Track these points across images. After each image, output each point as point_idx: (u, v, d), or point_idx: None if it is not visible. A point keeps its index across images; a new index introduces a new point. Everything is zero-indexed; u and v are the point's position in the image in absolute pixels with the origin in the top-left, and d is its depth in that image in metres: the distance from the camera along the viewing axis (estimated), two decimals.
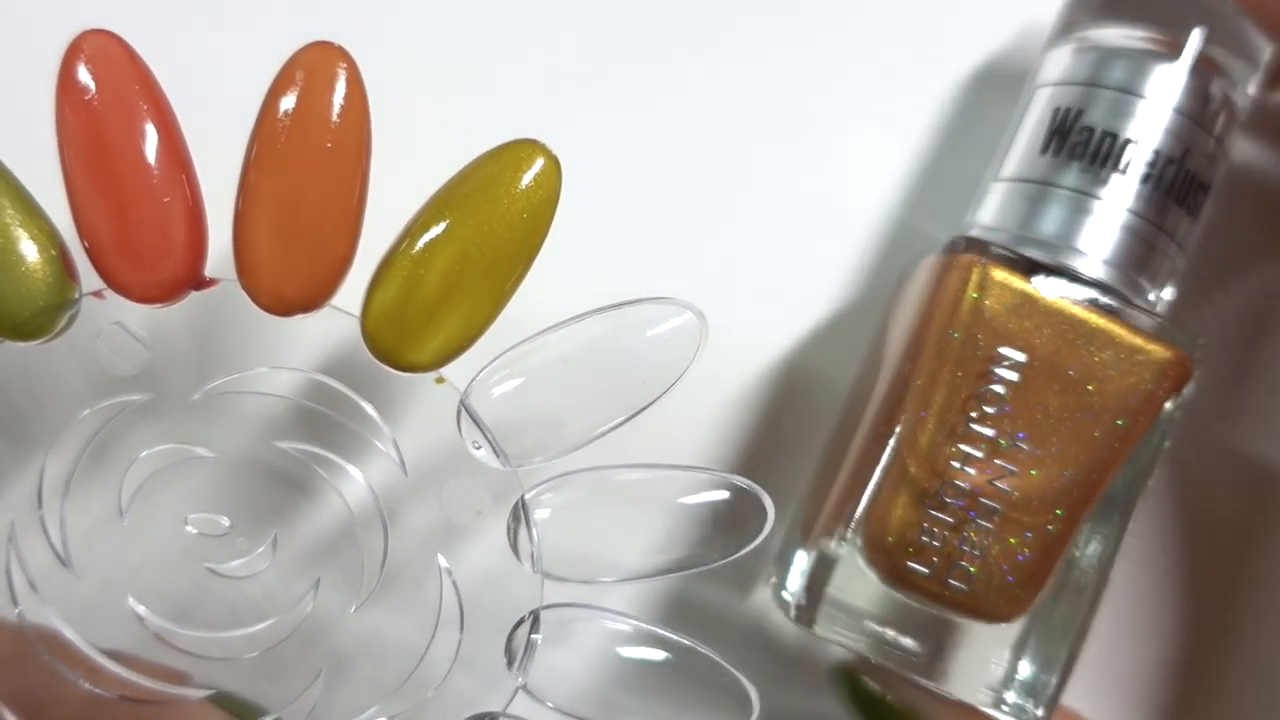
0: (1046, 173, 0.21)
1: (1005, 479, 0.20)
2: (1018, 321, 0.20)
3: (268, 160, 0.19)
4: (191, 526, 0.21)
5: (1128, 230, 0.21)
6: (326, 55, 0.19)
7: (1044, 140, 0.21)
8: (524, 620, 0.21)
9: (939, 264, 0.21)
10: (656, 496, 0.21)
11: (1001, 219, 0.22)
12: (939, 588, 0.20)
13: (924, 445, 0.20)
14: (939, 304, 0.20)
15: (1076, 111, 0.21)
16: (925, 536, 0.20)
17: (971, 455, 0.20)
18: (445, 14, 0.24)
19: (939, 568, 0.20)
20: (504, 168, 0.19)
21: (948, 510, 0.20)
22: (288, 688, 0.21)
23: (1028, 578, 0.20)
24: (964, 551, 0.20)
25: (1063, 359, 0.20)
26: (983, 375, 0.20)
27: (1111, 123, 0.21)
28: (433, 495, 0.21)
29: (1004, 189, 0.22)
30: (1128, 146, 0.21)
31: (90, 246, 0.19)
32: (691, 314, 0.20)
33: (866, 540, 0.20)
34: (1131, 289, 0.21)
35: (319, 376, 0.21)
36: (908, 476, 0.20)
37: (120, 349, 0.20)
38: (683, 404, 0.22)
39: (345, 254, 0.19)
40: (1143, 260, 0.21)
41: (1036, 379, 0.20)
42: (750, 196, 0.24)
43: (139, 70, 0.19)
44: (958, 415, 0.20)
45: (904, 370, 0.21)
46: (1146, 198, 0.21)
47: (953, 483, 0.20)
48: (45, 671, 0.20)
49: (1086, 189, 0.21)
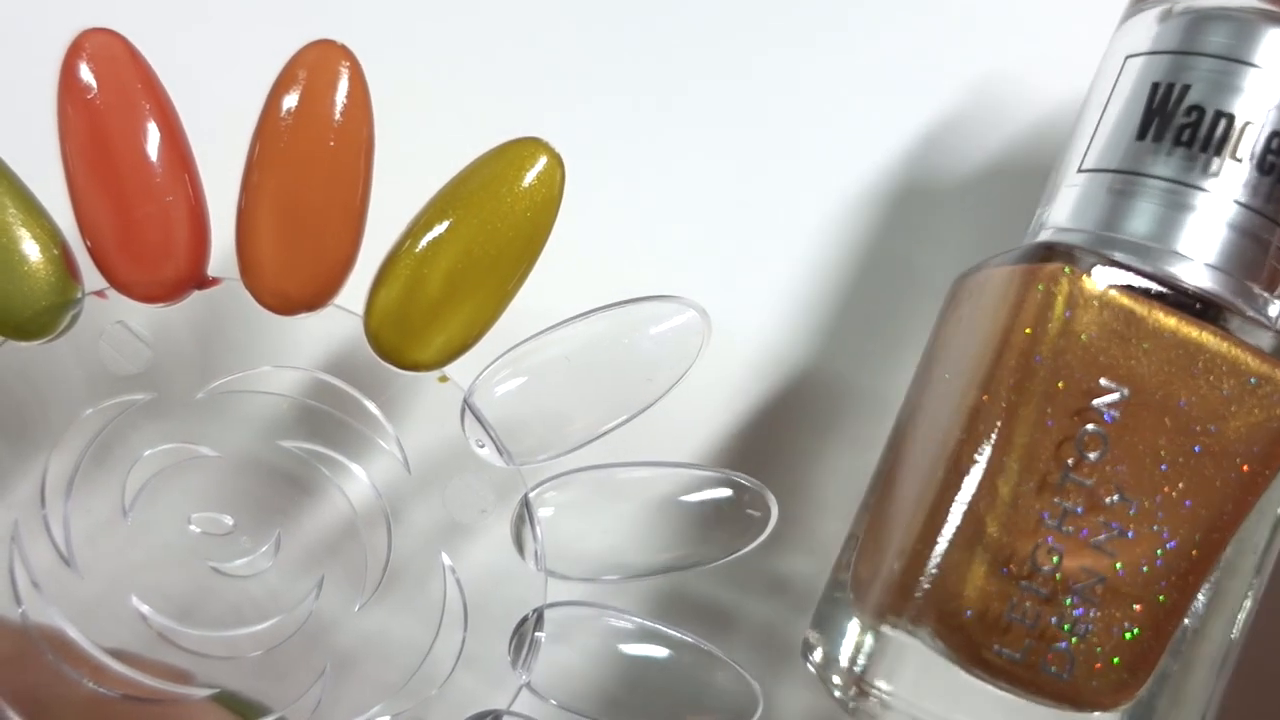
0: (1143, 162, 0.18)
1: (1109, 540, 0.17)
2: (1120, 345, 0.17)
3: (270, 159, 0.19)
4: (195, 525, 0.21)
5: (1241, 229, 0.17)
6: (329, 54, 0.18)
7: (1140, 123, 0.18)
8: (528, 618, 0.21)
9: (1015, 275, 0.17)
10: (660, 494, 0.21)
11: (1084, 218, 0.18)
12: (1031, 674, 0.17)
13: (1007, 500, 0.17)
14: (1019, 324, 0.17)
15: (1181, 88, 0.18)
16: (1013, 613, 0.17)
17: (1068, 511, 0.17)
18: (448, 12, 0.24)
19: (1031, 650, 0.17)
20: (507, 166, 0.19)
21: (1039, 580, 0.17)
22: (292, 686, 0.21)
23: (1137, 659, 0.17)
24: (1061, 630, 0.17)
25: (1175, 391, 0.17)
26: (1079, 413, 0.17)
27: (1224, 100, 0.17)
28: (436, 493, 0.21)
29: (1085, 181, 0.18)
30: (1247, 130, 0.17)
31: (93, 246, 0.19)
32: (695, 312, 0.20)
33: (937, 615, 0.17)
34: (1247, 300, 0.18)
35: (322, 375, 0.21)
36: (986, 538, 0.17)
37: (123, 348, 0.20)
38: (686, 402, 0.22)
39: (348, 253, 0.19)
40: (1257, 264, 0.18)
41: (1146, 415, 0.17)
42: (755, 194, 0.24)
43: (141, 69, 0.19)
44: (1049, 462, 0.17)
45: (976, 404, 0.17)
46: (1266, 189, 0.17)
47: (1046, 546, 0.17)
48: (49, 671, 0.20)
49: (1193, 180, 0.17)
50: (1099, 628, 0.17)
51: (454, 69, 0.24)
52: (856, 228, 0.24)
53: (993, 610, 0.17)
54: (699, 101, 0.24)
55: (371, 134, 0.19)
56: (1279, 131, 0.17)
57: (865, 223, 0.24)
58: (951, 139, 0.24)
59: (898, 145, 0.24)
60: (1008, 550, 0.17)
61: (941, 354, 0.20)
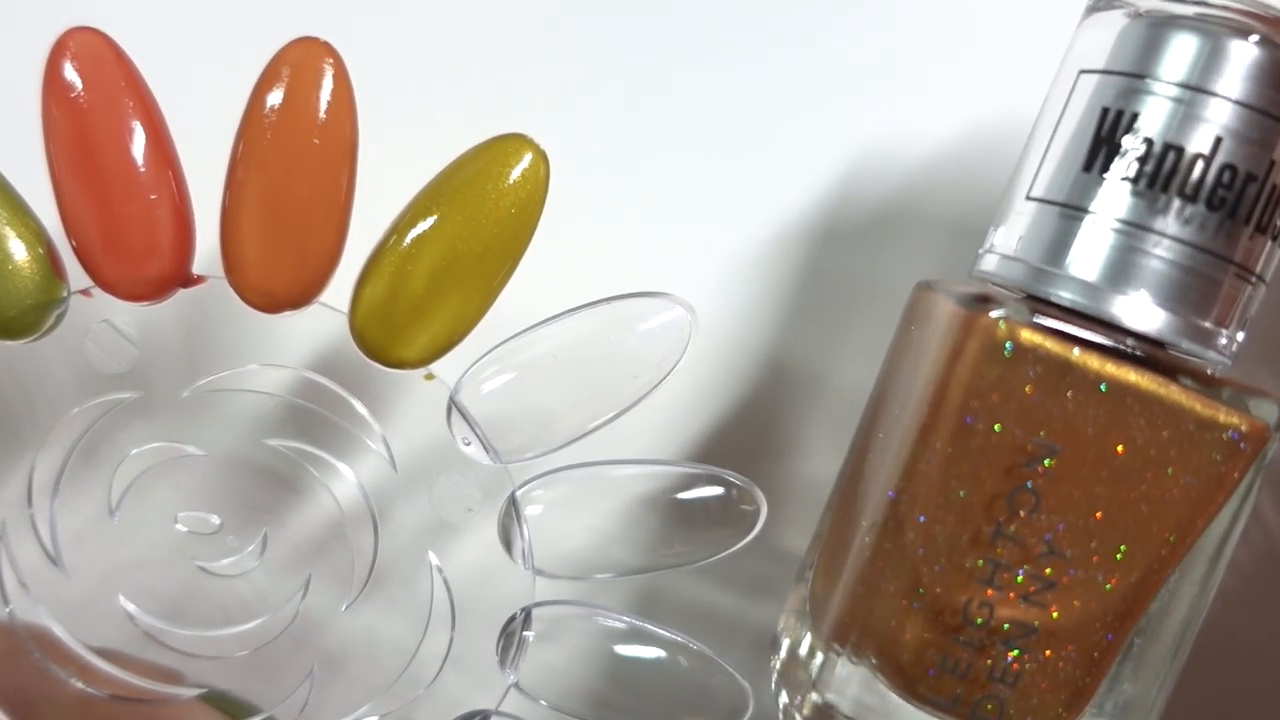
0: (1089, 196, 0.17)
1: (1040, 593, 0.17)
2: (1055, 398, 0.16)
3: (254, 156, 0.19)
4: (182, 525, 0.21)
5: (1190, 268, 0.17)
6: (312, 50, 0.18)
7: (1087, 154, 0.17)
8: (516, 617, 0.21)
9: (955, 319, 0.17)
10: (649, 492, 0.21)
11: (1030, 248, 0.17)
12: (966, 714, 0.17)
13: (942, 555, 0.17)
14: (955, 376, 0.17)
15: (1130, 116, 0.17)
16: (946, 664, 0.17)
17: (1000, 566, 0.17)
18: (431, 8, 0.24)
19: (961, 700, 0.17)
20: (492, 162, 0.19)
21: (970, 633, 0.17)
22: (279, 686, 0.21)
23: (1071, 698, 0.17)
24: (992, 680, 0.17)
25: (1111, 440, 0.16)
26: (1012, 470, 0.16)
27: (1174, 131, 0.16)
28: (423, 492, 0.21)
29: (1033, 210, 0.18)
30: (1196, 164, 0.16)
31: (77, 244, 0.19)
32: (682, 309, 0.20)
33: (879, 657, 0.17)
34: (1194, 337, 0.17)
35: (308, 374, 0.21)
36: (923, 590, 0.17)
37: (109, 347, 0.20)
38: (674, 399, 0.22)
39: (333, 250, 0.19)
40: (1207, 300, 0.17)
41: (1080, 468, 0.16)
42: (741, 192, 0.24)
43: (125, 67, 0.19)
44: (981, 518, 0.17)
45: (914, 454, 0.17)
46: (1218, 227, 0.17)
47: (978, 600, 0.17)
48: (37, 670, 0.20)
49: (1142, 220, 0.17)
50: (1031, 674, 0.17)
51: (438, 65, 0.24)
52: (844, 226, 0.24)
53: (926, 659, 0.17)
54: (685, 98, 0.24)
55: (355, 131, 0.19)
56: (1230, 165, 0.16)
57: (853, 221, 0.24)
58: (941, 136, 0.24)
59: (888, 142, 0.24)
60: (940, 603, 0.17)
61: (895, 372, 0.19)
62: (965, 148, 0.23)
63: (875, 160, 0.24)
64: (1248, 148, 0.16)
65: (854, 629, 0.18)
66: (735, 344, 0.24)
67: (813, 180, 0.24)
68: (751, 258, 0.24)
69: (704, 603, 0.24)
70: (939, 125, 0.24)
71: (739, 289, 0.24)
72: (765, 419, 0.24)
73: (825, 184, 0.24)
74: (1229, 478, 0.17)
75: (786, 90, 0.24)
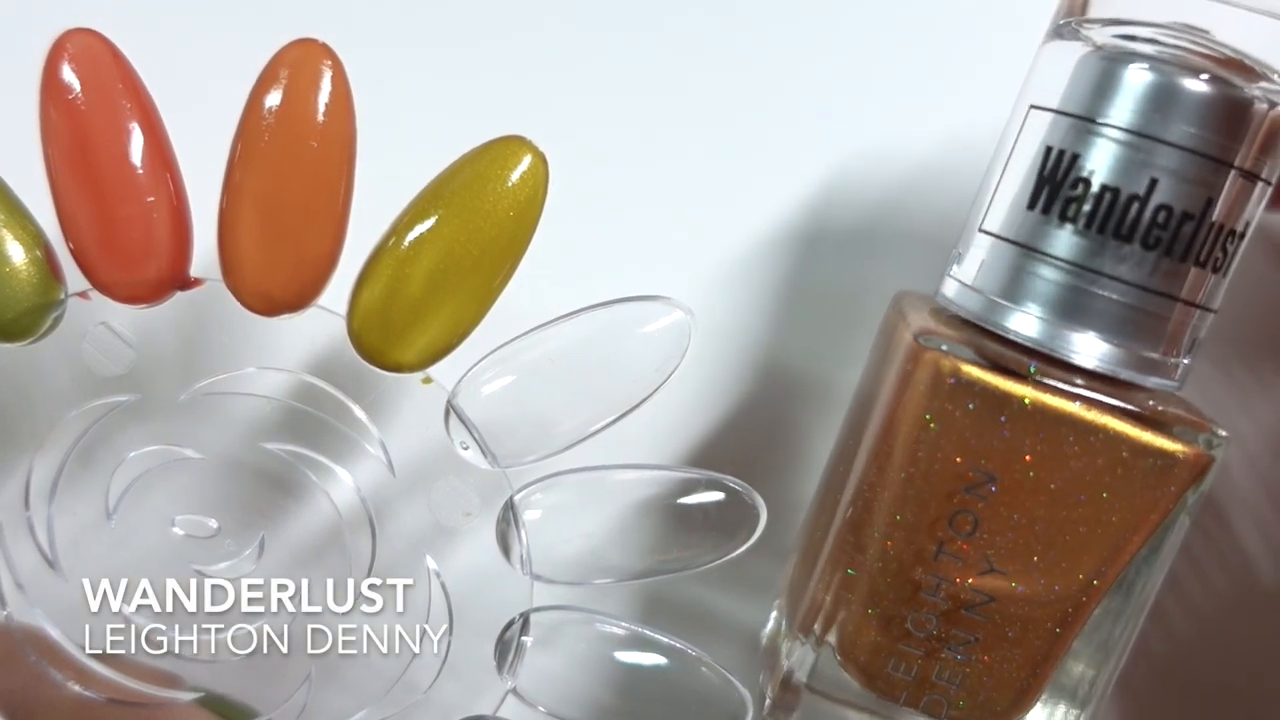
0: (1034, 235, 0.17)
1: (983, 605, 0.18)
2: (993, 429, 0.17)
3: (252, 158, 0.18)
4: (179, 528, 0.21)
5: (1134, 306, 0.17)
6: (311, 52, 0.18)
7: (1032, 191, 0.18)
8: (514, 622, 0.21)
9: (908, 349, 0.18)
10: (648, 497, 0.21)
11: (985, 280, 0.18)
12: (914, 708, 0.19)
13: (892, 569, 0.18)
14: (905, 407, 0.18)
15: (1071, 157, 0.17)
16: (894, 668, 0.18)
17: (943, 580, 0.18)
18: (430, 10, 0.24)
19: (911, 697, 0.19)
20: (491, 165, 0.19)
21: (916, 642, 0.18)
22: (276, 690, 0.21)
23: (1018, 695, 0.18)
24: (936, 683, 0.18)
25: (1049, 468, 0.17)
26: (952, 495, 0.17)
27: (1113, 174, 0.17)
28: (421, 496, 0.21)
29: (988, 244, 0.18)
30: (1132, 205, 0.17)
31: (75, 247, 0.19)
32: (682, 312, 0.20)
33: (840, 650, 0.19)
34: (1141, 368, 0.17)
35: (306, 377, 0.21)
36: (876, 598, 0.18)
37: (106, 350, 0.20)
38: (673, 403, 0.21)
39: (330, 253, 0.19)
40: (1154, 334, 0.17)
41: (1018, 493, 0.17)
42: (740, 195, 0.24)
43: (123, 69, 0.19)
44: (926, 537, 0.18)
45: (870, 476, 0.18)
46: (1154, 266, 0.17)
47: (924, 610, 0.18)
48: (34, 674, 0.20)
49: (1082, 260, 0.17)
50: (976, 675, 0.18)
51: (437, 67, 0.24)
52: (844, 229, 0.24)
53: (878, 661, 0.18)
54: (685, 101, 0.24)
55: (354, 133, 0.19)
56: (1166, 205, 0.17)
57: (853, 225, 0.24)
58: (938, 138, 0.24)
59: (886, 147, 0.24)
60: (891, 611, 0.18)
61: (867, 384, 0.20)
62: (961, 151, 0.23)
63: (873, 164, 0.24)
64: (1186, 187, 0.17)
65: (818, 624, 0.19)
66: (734, 348, 0.24)
67: (812, 184, 0.24)
68: (751, 261, 0.24)
69: (703, 608, 0.24)
70: (936, 127, 0.24)
71: (738, 293, 0.24)
72: (764, 423, 0.24)
73: (825, 187, 0.24)
74: (1164, 500, 0.17)
75: (784, 94, 0.24)
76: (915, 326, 0.18)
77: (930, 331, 0.18)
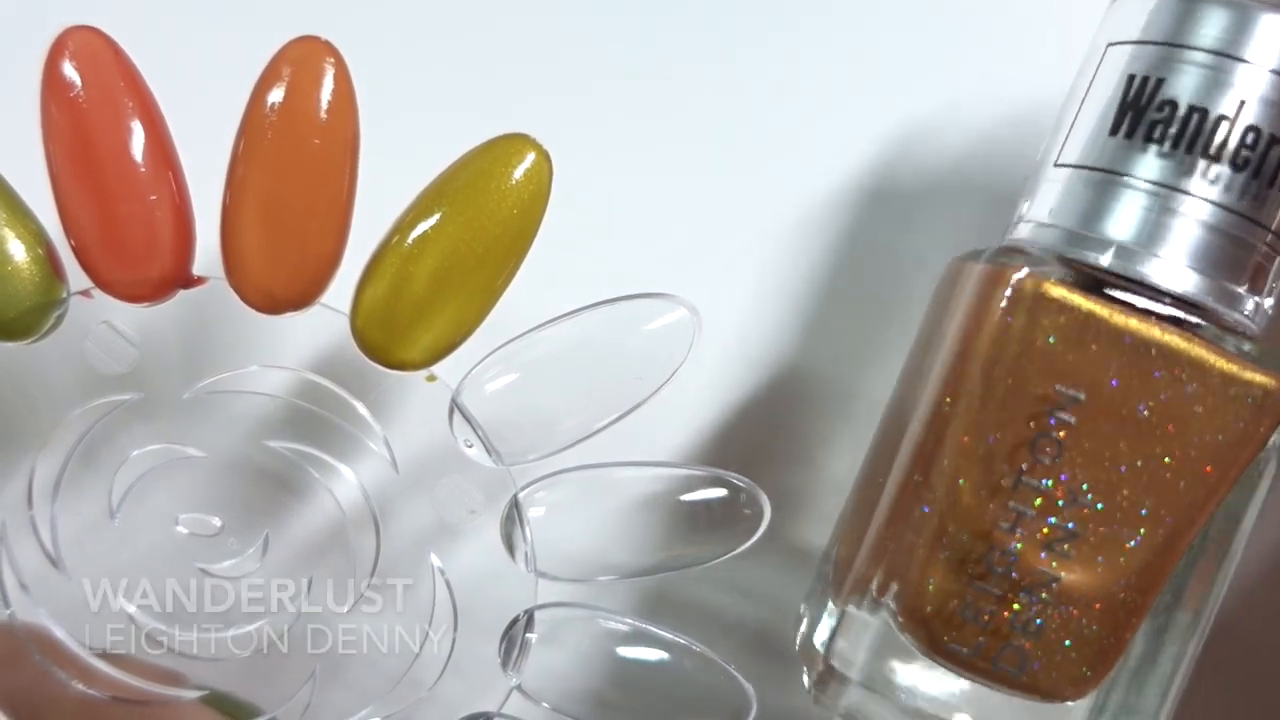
0: (1116, 159, 0.17)
1: (1066, 542, 0.17)
2: (1078, 350, 0.17)
3: (255, 156, 0.18)
4: (182, 527, 0.21)
5: (1220, 229, 0.17)
6: (313, 49, 0.18)
7: (1114, 118, 0.17)
8: (518, 620, 0.21)
9: (982, 275, 0.17)
10: (652, 494, 0.21)
11: (1062, 214, 0.18)
12: (986, 667, 0.17)
13: (966, 502, 0.17)
14: (981, 329, 0.17)
15: (1156, 81, 0.17)
16: (968, 612, 0.17)
17: (1023, 514, 0.17)
18: (433, 7, 0.24)
19: (985, 648, 0.17)
20: (494, 162, 0.19)
21: (994, 581, 0.17)
22: (280, 688, 0.21)
23: (1096, 656, 0.17)
24: (1015, 630, 0.17)
25: (1135, 394, 0.16)
26: (1035, 418, 0.17)
27: (1200, 95, 0.17)
28: (425, 494, 0.21)
29: (1064, 177, 0.18)
30: (1220, 125, 0.17)
31: (77, 245, 0.19)
32: (686, 310, 0.20)
33: (902, 608, 0.18)
34: (1224, 300, 0.17)
35: (310, 375, 0.21)
36: (947, 538, 0.17)
37: (109, 348, 0.20)
38: (677, 400, 0.21)
39: (334, 251, 0.19)
40: (1238, 264, 0.17)
41: (1104, 420, 0.17)
42: (745, 191, 0.24)
43: (124, 66, 0.18)
44: (1004, 467, 0.17)
45: (941, 407, 0.17)
46: (1243, 189, 0.17)
47: (1001, 548, 0.17)
48: (38, 673, 0.20)
49: (1168, 180, 0.17)
50: (1054, 627, 0.17)
51: (440, 64, 0.24)
52: (848, 224, 0.24)
53: (949, 607, 0.17)
54: (688, 98, 0.24)
55: (357, 130, 0.19)
56: (1255, 126, 0.17)
57: (857, 218, 0.24)
58: (941, 133, 0.24)
59: (889, 139, 0.24)
60: (966, 551, 0.17)
61: (929, 338, 0.20)
62: (977, 146, 0.23)
63: (880, 158, 0.24)
64: (1274, 111, 0.17)
65: (876, 584, 0.18)
66: (739, 345, 0.24)
67: (818, 179, 0.24)
68: (755, 258, 0.24)
69: (707, 605, 0.24)
70: (951, 124, 0.24)
71: (743, 289, 0.24)
72: (769, 420, 0.24)
73: (831, 183, 0.24)
74: (1255, 436, 0.17)
75: (792, 89, 0.24)
76: (989, 257, 0.18)
77: (1009, 255, 0.17)
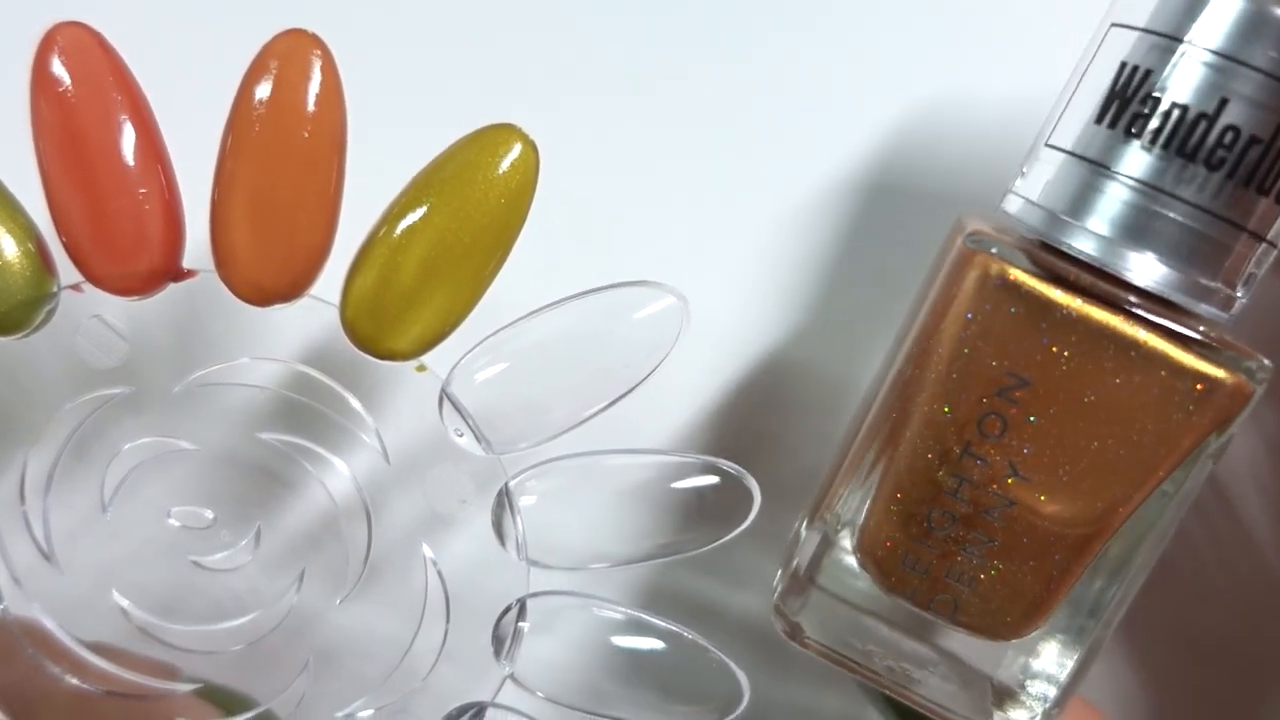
0: (1100, 149, 0.17)
1: (1004, 510, 0.18)
2: (1034, 336, 0.17)
3: (243, 149, 0.19)
4: (175, 520, 0.21)
5: (1194, 229, 0.17)
6: (301, 43, 0.18)
7: (1100, 106, 0.18)
8: (511, 609, 0.21)
9: (957, 254, 0.18)
10: (642, 482, 0.21)
11: (1048, 195, 0.18)
12: (925, 608, 0.19)
13: (918, 467, 0.18)
14: (949, 306, 0.18)
15: (1145, 73, 0.17)
16: (909, 563, 0.19)
17: (966, 481, 0.18)
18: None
19: (923, 594, 0.19)
20: (481, 153, 0.19)
21: (933, 540, 0.19)
22: (274, 680, 0.21)
23: (1028, 608, 0.19)
24: (948, 583, 0.19)
25: (1085, 381, 0.17)
26: (987, 396, 0.18)
27: (1185, 92, 0.17)
28: (416, 484, 0.21)
29: (1053, 159, 0.18)
30: (1200, 124, 0.17)
31: (67, 240, 0.19)
32: (674, 298, 0.20)
33: (860, 545, 0.20)
34: (1193, 293, 0.17)
35: (300, 367, 0.21)
36: (900, 494, 0.19)
37: (100, 342, 0.20)
38: (666, 388, 0.21)
39: (323, 242, 0.19)
40: (1211, 261, 0.17)
41: (1051, 402, 0.18)
42: (733, 180, 0.24)
43: (113, 62, 0.19)
44: (954, 438, 0.18)
45: (907, 376, 0.19)
46: (1218, 189, 0.17)
47: (943, 510, 0.18)
48: (32, 667, 0.20)
49: (1146, 178, 0.17)
50: (989, 581, 0.19)
51: (427, 55, 0.24)
52: (835, 214, 0.24)
53: (895, 556, 0.19)
54: (674, 87, 0.24)
55: (344, 123, 0.19)
56: (1233, 126, 0.17)
57: (843, 210, 0.24)
58: (935, 127, 0.24)
59: (876, 133, 0.24)
60: (910, 510, 0.19)
61: (919, 302, 0.20)
62: (969, 132, 0.23)
63: (868, 149, 0.24)
64: (1258, 112, 0.17)
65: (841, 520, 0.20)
66: (727, 332, 0.24)
67: (805, 168, 0.24)
68: (743, 246, 0.24)
69: (699, 592, 0.24)
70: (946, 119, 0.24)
71: (731, 277, 0.24)
72: (758, 407, 0.24)
73: (818, 171, 0.24)
74: (1199, 428, 0.17)
75: (778, 82, 0.24)
76: (968, 230, 0.18)
77: (982, 234, 0.18)
